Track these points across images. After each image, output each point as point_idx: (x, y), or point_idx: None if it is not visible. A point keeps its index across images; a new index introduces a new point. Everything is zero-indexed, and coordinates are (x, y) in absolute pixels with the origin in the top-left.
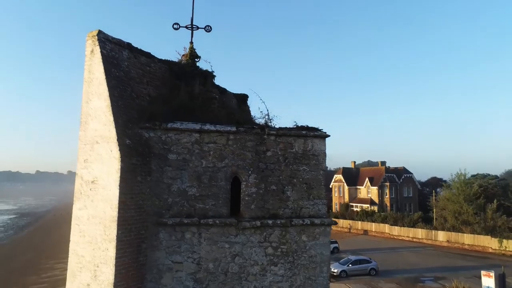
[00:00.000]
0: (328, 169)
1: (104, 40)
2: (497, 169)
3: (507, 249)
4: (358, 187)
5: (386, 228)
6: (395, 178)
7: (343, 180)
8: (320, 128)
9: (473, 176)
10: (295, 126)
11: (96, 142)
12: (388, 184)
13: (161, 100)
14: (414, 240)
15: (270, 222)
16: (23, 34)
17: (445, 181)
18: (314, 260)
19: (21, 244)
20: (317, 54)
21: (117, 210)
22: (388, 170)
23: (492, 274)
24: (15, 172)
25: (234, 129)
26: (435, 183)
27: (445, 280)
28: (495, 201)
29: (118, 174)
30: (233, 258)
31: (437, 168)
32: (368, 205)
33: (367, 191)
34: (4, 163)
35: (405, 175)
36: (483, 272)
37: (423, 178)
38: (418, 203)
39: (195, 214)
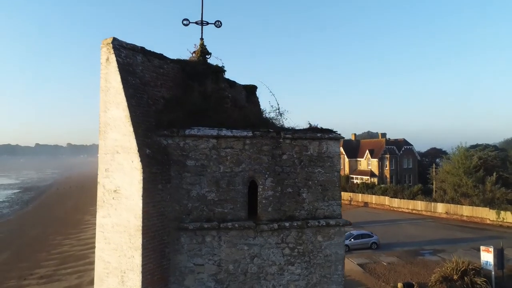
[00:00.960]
0: None
1: (118, 47)
2: (497, 138)
3: (505, 220)
4: (359, 159)
5: (386, 200)
6: (395, 150)
7: (344, 153)
8: (334, 130)
9: (472, 147)
10: (309, 128)
11: (117, 152)
12: (388, 156)
13: (175, 102)
14: (414, 212)
15: (287, 224)
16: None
17: (444, 151)
18: (329, 259)
19: (28, 219)
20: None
21: (141, 219)
22: (388, 142)
23: (491, 249)
24: (15, 146)
25: (250, 134)
26: (435, 153)
27: (444, 253)
28: (494, 173)
29: (141, 185)
30: (252, 259)
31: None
32: (368, 177)
33: (367, 163)
34: (4, 136)
35: (405, 147)
36: (482, 248)
37: (423, 149)
38: (417, 174)
39: (215, 218)
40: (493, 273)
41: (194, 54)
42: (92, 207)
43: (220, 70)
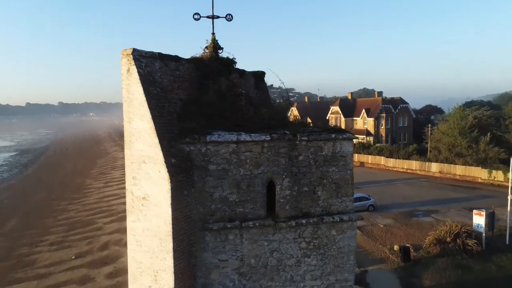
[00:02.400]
0: (324, 97)
1: (138, 57)
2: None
3: (495, 179)
4: (355, 118)
5: (382, 160)
6: (391, 108)
7: (340, 112)
8: (347, 131)
9: (467, 104)
10: (324, 129)
11: (143, 161)
12: (384, 115)
13: (192, 103)
14: (408, 171)
15: (303, 221)
16: None
17: (439, 108)
18: (342, 251)
19: (29, 184)
20: None
21: (171, 225)
22: (384, 101)
23: (483, 213)
24: (5, 105)
25: (268, 137)
26: (430, 110)
27: (438, 213)
28: (488, 133)
29: (169, 194)
30: (272, 253)
31: (432, 94)
32: (364, 136)
33: (363, 122)
34: None
35: (401, 105)
36: (475, 211)
37: (418, 106)
38: (412, 132)
39: (236, 218)
40: (483, 234)
41: (206, 50)
42: (91, 171)
43: (231, 62)
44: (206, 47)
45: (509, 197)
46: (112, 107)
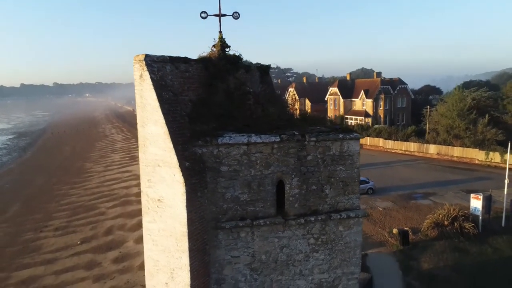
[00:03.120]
0: (323, 77)
1: (150, 62)
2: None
3: (492, 161)
4: (353, 99)
5: (380, 142)
6: (390, 90)
7: (339, 93)
8: (354, 130)
9: (465, 84)
10: (332, 129)
11: (158, 165)
12: (383, 96)
13: (201, 104)
14: (407, 153)
15: (312, 218)
16: None
17: (438, 88)
18: (349, 246)
19: (29, 168)
20: None
21: (186, 226)
22: (383, 82)
23: (481, 197)
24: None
25: (278, 139)
26: (428, 91)
27: (435, 196)
28: (486, 115)
29: (184, 197)
30: (281, 249)
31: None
32: (363, 117)
33: (362, 103)
34: None
35: (400, 86)
36: (472, 195)
37: (417, 86)
38: (410, 113)
39: (247, 216)
40: (480, 217)
41: (214, 48)
42: (91, 154)
43: (238, 59)
44: (214, 46)
45: (506, 181)
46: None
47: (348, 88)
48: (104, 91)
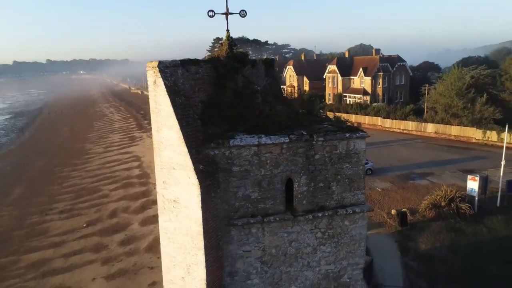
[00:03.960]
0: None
1: (163, 69)
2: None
3: (489, 139)
4: (352, 77)
5: (378, 121)
6: (388, 67)
7: (337, 71)
8: (361, 129)
9: (464, 61)
10: (339, 129)
11: (173, 168)
12: (381, 74)
13: (211, 104)
14: (405, 132)
15: (319, 214)
16: None
17: (436, 65)
18: (354, 239)
19: (29, 149)
20: None
21: (201, 226)
22: (382, 59)
23: (477, 178)
24: None
25: (287, 139)
26: (427, 67)
27: (433, 176)
28: (485, 94)
29: (199, 198)
30: (290, 243)
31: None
32: (361, 96)
33: (361, 81)
34: None
35: (399, 64)
36: (469, 177)
37: (415, 63)
38: (409, 90)
39: (258, 213)
40: (476, 198)
41: (222, 48)
42: (89, 134)
43: (244, 56)
44: (221, 44)
45: (502, 162)
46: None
47: (346, 65)
48: (99, 68)
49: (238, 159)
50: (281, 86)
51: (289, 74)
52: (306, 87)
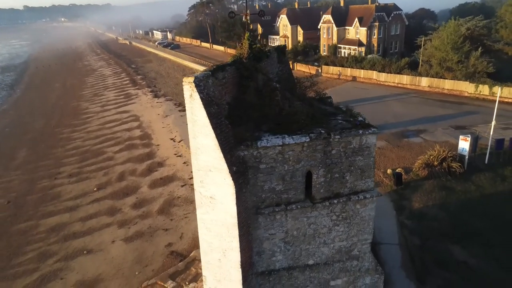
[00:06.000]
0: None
1: (198, 83)
2: None
3: (481, 93)
4: (347, 27)
5: (374, 74)
6: (384, 16)
7: (332, 21)
8: (372, 125)
9: (461, 6)
10: (353, 126)
11: (210, 170)
12: (377, 24)
13: (236, 105)
14: (399, 85)
15: (335, 201)
16: None
17: (432, 12)
18: (364, 219)
19: (23, 109)
20: None
21: (236, 218)
22: (378, 8)
23: (469, 138)
24: None
25: (307, 139)
26: (422, 14)
27: (426, 133)
28: (479, 48)
29: (234, 196)
30: (309, 225)
31: None
32: (356, 47)
33: (356, 31)
34: None
35: (395, 13)
36: (461, 137)
37: (411, 10)
38: (404, 40)
39: (282, 202)
40: (466, 157)
41: (242, 47)
42: (83, 92)
43: (263, 54)
44: (242, 43)
45: (493, 123)
46: (83, 10)
47: (341, 15)
48: (80, 15)
49: (265, 158)
50: (275, 36)
51: (283, 24)
52: (300, 38)
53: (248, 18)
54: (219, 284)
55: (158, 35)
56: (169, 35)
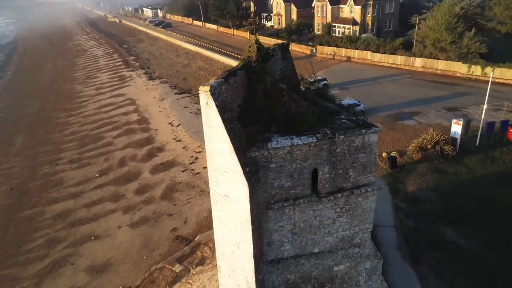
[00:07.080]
0: None
1: (214, 91)
2: None
3: (474, 74)
4: (341, 6)
5: (368, 55)
6: None
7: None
8: (374, 124)
9: None
10: (357, 126)
11: (224, 171)
12: (371, 2)
13: (246, 107)
14: (393, 66)
15: (339, 195)
16: None
17: None
18: (366, 211)
19: (16, 92)
20: None
21: (249, 214)
22: None
23: (461, 122)
24: None
25: (314, 139)
26: None
27: (420, 115)
28: (473, 29)
29: (247, 195)
30: (315, 217)
31: None
32: (350, 26)
33: (350, 10)
34: None
35: None
36: (454, 121)
37: None
38: (398, 18)
39: (290, 197)
40: (458, 140)
41: (250, 48)
42: (75, 74)
43: (270, 55)
44: (250, 46)
45: (484, 106)
46: None
47: None
48: None
49: (274, 158)
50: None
51: (276, 1)
52: (294, 16)
53: (255, 25)
54: (232, 273)
55: (148, 12)
56: (160, 13)
